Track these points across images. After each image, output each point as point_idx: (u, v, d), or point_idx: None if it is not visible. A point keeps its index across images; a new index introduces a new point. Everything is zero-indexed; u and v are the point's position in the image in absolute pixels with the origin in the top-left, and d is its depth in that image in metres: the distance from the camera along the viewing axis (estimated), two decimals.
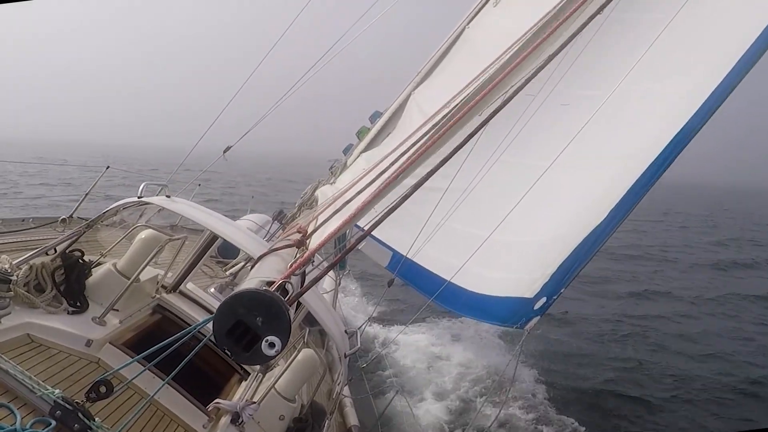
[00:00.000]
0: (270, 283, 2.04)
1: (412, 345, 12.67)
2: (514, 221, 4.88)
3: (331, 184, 6.85)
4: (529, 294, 4.02)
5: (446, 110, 2.93)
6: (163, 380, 3.61)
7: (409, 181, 2.40)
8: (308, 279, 2.42)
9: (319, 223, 3.13)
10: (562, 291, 3.85)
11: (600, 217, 4.00)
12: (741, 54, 3.82)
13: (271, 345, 1.81)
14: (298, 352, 4.88)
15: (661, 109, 4.37)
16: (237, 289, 1.96)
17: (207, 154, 7.49)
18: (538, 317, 3.80)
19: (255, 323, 1.81)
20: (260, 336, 1.81)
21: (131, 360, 3.55)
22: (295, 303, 4.88)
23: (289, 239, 3.19)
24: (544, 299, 3.87)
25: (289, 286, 2.01)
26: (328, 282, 9.36)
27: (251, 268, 2.92)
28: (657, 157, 3.87)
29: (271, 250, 2.93)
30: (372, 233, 6.79)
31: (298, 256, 2.60)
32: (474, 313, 4.91)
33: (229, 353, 1.87)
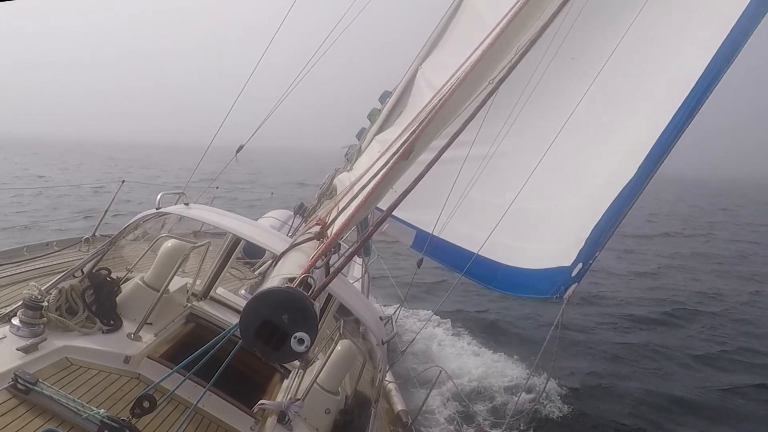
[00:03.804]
0: (292, 279, 2.01)
1: (448, 327, 12.67)
2: (542, 188, 4.73)
3: (348, 171, 6.75)
4: (566, 262, 3.89)
5: (452, 81, 2.81)
6: (204, 387, 3.60)
7: (426, 157, 2.30)
8: (333, 269, 2.35)
9: (338, 212, 3.05)
10: (597, 255, 3.71)
11: (629, 174, 3.83)
12: None
13: (300, 341, 1.79)
14: (336, 344, 4.84)
15: (682, 51, 4.13)
16: (259, 290, 1.92)
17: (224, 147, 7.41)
18: (576, 284, 3.67)
19: (281, 321, 1.80)
20: (288, 333, 1.79)
21: (170, 371, 3.54)
22: (326, 295, 4.82)
23: (309, 232, 3.12)
24: (580, 265, 3.74)
25: (311, 280, 1.97)
26: (358, 271, 9.33)
27: (273, 266, 2.87)
28: (681, 105, 3.67)
29: (293, 246, 2.88)
30: (395, 214, 6.69)
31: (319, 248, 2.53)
32: (511, 288, 4.78)
33: (259, 354, 1.85)
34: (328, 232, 2.88)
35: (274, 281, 2.22)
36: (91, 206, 23.36)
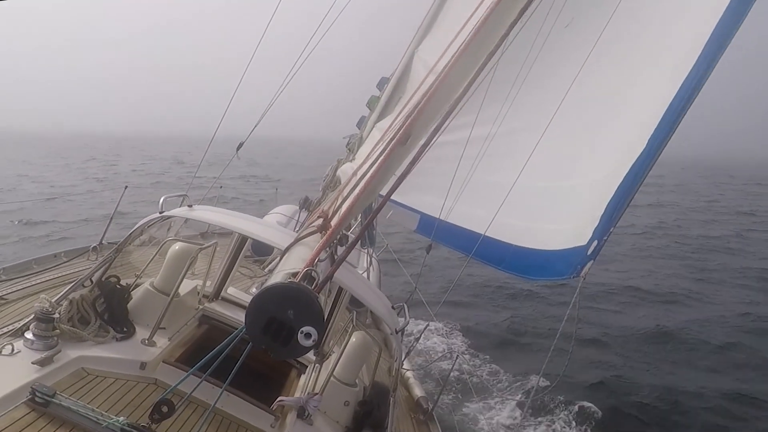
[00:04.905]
0: (296, 274, 1.99)
1: (462, 312, 12.65)
2: (551, 167, 4.66)
3: (351, 161, 6.70)
4: (582, 241, 3.81)
5: (447, 60, 2.74)
6: (221, 388, 3.59)
7: (424, 140, 2.25)
8: (337, 260, 2.33)
9: (341, 203, 3.02)
10: (611, 230, 3.64)
11: (640, 147, 3.74)
12: None
13: (308, 335, 1.78)
14: (350, 335, 4.82)
15: (687, 10, 4.00)
16: (263, 287, 1.90)
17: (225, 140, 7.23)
18: (592, 261, 3.61)
19: (287, 317, 1.79)
20: (294, 329, 1.78)
21: (186, 374, 3.53)
22: (336, 287, 4.78)
23: (313, 226, 3.10)
24: (595, 242, 3.67)
25: (314, 273, 1.94)
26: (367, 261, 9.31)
27: (279, 261, 2.85)
28: (690, 72, 3.56)
29: (297, 240, 2.86)
30: (401, 201, 6.60)
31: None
32: (525, 271, 4.70)
33: (268, 351, 1.84)
34: (332, 223, 2.85)
35: (278, 277, 2.20)
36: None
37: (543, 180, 4.69)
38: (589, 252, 3.65)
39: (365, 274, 7.40)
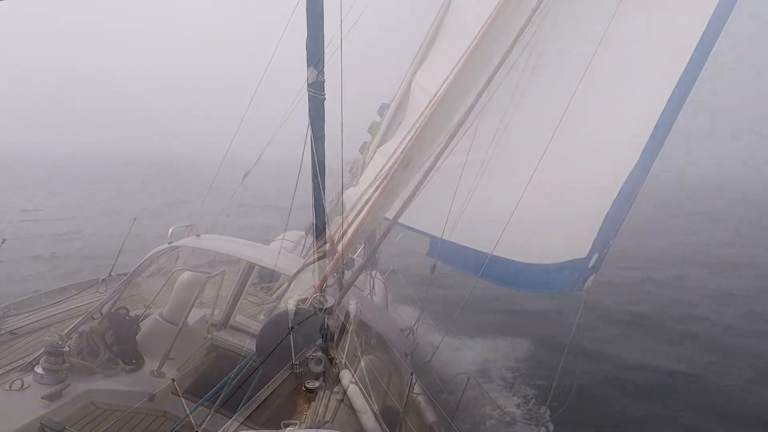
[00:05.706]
0: (304, 300, 2.01)
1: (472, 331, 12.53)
2: (549, 183, 4.71)
3: (355, 186, 6.75)
4: (583, 254, 3.87)
5: (441, 89, 2.82)
6: (230, 418, 3.58)
7: (427, 165, 2.29)
8: (345, 284, 2.35)
9: (345, 227, 3.05)
10: (611, 243, 3.69)
11: (634, 159, 3.81)
12: None
13: (318, 361, 1.80)
14: (359, 360, 4.80)
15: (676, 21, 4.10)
16: (273, 314, 1.93)
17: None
18: (594, 275, 3.65)
19: (297, 343, 1.81)
20: (304, 354, 1.81)
21: (195, 406, 3.52)
22: (344, 312, 4.76)
23: (320, 251, 3.12)
24: (596, 255, 3.72)
25: (323, 299, 1.97)
26: (377, 285, 9.27)
27: (287, 287, 2.88)
28: (678, 84, 3.64)
29: (304, 266, 2.89)
30: (408, 224, 6.59)
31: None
32: (531, 286, 4.72)
33: (278, 378, 1.86)
34: (338, 248, 2.87)
35: (287, 304, 2.22)
36: None
37: (540, 195, 4.74)
38: (590, 265, 3.69)
39: (371, 296, 7.39)
